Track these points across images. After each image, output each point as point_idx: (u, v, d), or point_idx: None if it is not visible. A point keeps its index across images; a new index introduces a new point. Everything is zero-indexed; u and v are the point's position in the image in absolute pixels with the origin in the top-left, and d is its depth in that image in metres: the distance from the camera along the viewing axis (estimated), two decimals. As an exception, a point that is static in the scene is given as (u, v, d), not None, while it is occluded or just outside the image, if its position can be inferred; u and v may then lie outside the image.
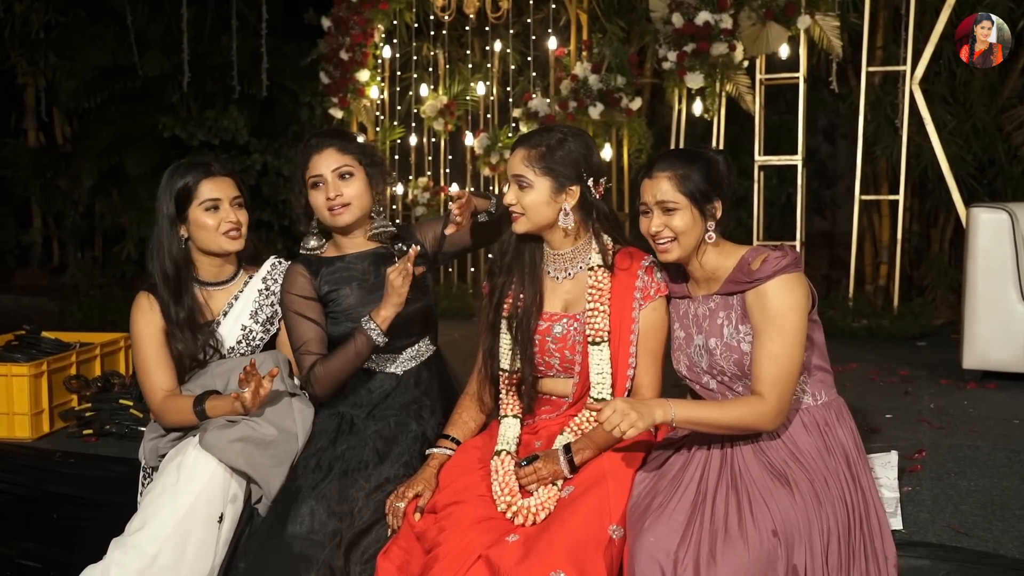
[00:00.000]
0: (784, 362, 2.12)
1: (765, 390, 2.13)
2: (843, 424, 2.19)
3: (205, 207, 2.64)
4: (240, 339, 2.73)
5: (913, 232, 7.68)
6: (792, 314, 2.11)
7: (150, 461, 2.63)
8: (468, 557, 2.13)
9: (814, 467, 2.10)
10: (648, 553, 2.01)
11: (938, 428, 3.31)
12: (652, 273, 2.42)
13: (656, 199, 2.21)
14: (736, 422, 2.14)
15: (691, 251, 2.23)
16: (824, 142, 8.93)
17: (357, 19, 6.70)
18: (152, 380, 2.61)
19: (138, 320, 2.64)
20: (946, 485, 2.65)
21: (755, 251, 2.20)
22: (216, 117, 7.94)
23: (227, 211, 2.65)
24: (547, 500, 2.23)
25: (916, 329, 5.65)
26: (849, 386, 4.09)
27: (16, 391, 3.27)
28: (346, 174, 2.64)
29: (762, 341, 2.14)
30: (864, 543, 2.08)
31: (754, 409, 2.13)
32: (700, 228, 2.21)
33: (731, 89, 6.06)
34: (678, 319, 2.35)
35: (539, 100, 6.45)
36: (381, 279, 2.65)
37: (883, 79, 6.59)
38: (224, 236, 2.65)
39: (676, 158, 2.25)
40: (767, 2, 5.81)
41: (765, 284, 2.12)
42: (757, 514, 2.02)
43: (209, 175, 2.65)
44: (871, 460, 2.67)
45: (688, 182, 2.19)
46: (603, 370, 2.39)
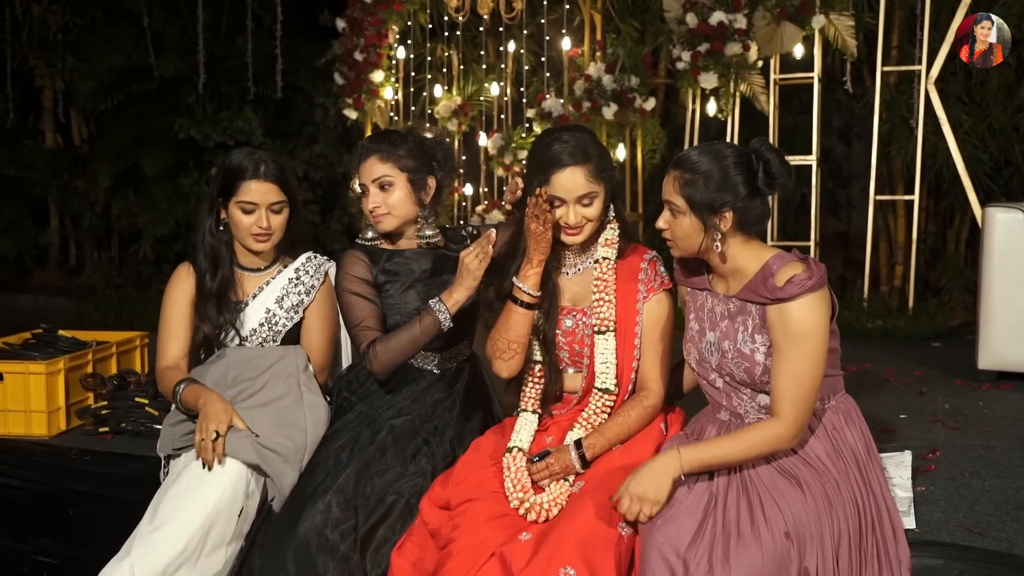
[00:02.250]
0: (805, 382, 2.07)
1: (784, 410, 2.08)
2: (852, 426, 2.17)
3: (242, 207, 2.71)
4: (263, 322, 2.78)
5: (929, 232, 7.65)
6: (816, 335, 2.05)
7: (163, 449, 2.66)
8: (482, 554, 2.14)
9: (824, 470, 2.09)
10: (659, 553, 2.01)
11: (953, 428, 3.30)
12: (656, 266, 2.43)
13: (663, 196, 2.19)
14: (755, 452, 2.09)
15: (693, 254, 2.19)
16: (839, 142, 8.89)
17: (371, 20, 6.72)
18: (165, 346, 2.75)
19: (172, 286, 2.79)
20: (960, 485, 2.64)
21: (780, 258, 2.11)
22: (231, 118, 7.98)
23: (261, 216, 2.71)
24: (559, 496, 2.24)
25: (931, 330, 5.63)
26: (863, 386, 4.08)
27: (33, 389, 3.29)
28: (385, 184, 2.66)
29: (783, 360, 2.08)
30: (877, 546, 2.07)
31: (772, 433, 2.08)
32: (700, 236, 2.14)
33: (745, 89, 6.06)
34: (694, 310, 2.31)
35: (553, 100, 6.45)
36: (439, 278, 2.68)
37: (898, 79, 6.56)
38: (252, 237, 2.73)
39: (695, 156, 2.14)
40: (781, 2, 5.80)
41: (789, 304, 2.07)
42: (769, 516, 2.01)
43: (256, 176, 2.71)
44: (884, 460, 2.66)
45: (691, 188, 2.11)
46: (608, 359, 2.40)
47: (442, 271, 2.71)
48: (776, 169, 2.09)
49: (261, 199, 2.70)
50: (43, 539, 3.11)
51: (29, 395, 3.29)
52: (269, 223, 2.72)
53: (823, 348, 2.07)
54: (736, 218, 2.11)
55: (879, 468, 2.16)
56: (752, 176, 2.10)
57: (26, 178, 9.62)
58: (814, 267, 2.08)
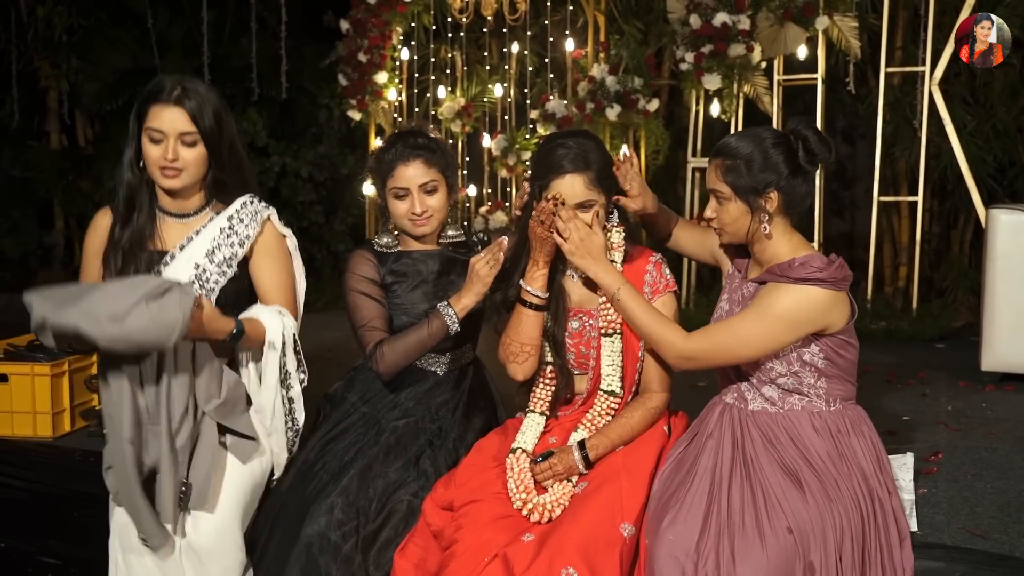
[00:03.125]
0: (735, 338, 2.12)
1: (699, 337, 2.18)
2: (860, 436, 2.17)
3: (150, 135, 2.40)
4: (192, 279, 2.46)
5: (933, 233, 7.64)
6: (778, 322, 2.08)
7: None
8: (485, 555, 2.14)
9: (824, 469, 2.10)
10: (668, 552, 2.03)
11: (955, 430, 3.30)
12: (661, 269, 2.44)
13: (708, 185, 2.22)
14: (652, 333, 2.22)
15: (741, 239, 2.21)
16: (843, 143, 8.88)
17: (375, 21, 6.73)
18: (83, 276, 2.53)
19: (89, 234, 2.55)
20: (962, 487, 2.65)
21: (813, 257, 2.13)
22: (236, 119, 7.99)
23: (168, 147, 2.37)
24: (562, 496, 2.25)
25: (935, 331, 5.63)
26: (867, 388, 4.06)
27: (38, 390, 3.31)
28: (431, 188, 2.64)
29: (740, 314, 2.15)
30: (881, 551, 2.07)
31: (674, 337, 2.19)
32: (748, 219, 2.16)
33: (749, 90, 6.06)
34: (728, 291, 2.34)
35: (556, 102, 6.46)
36: (446, 279, 2.68)
37: (902, 79, 6.56)
38: (159, 171, 2.41)
39: (734, 143, 2.17)
40: (785, 3, 5.80)
41: (783, 283, 2.10)
42: (772, 513, 2.03)
43: (166, 101, 2.38)
44: (887, 462, 2.68)
45: (734, 173, 2.14)
46: (614, 362, 2.41)
47: (449, 272, 2.72)
48: (815, 146, 2.14)
49: (169, 127, 2.37)
50: (48, 540, 3.13)
51: (34, 396, 3.31)
52: (176, 155, 2.38)
53: (773, 338, 2.10)
54: (782, 198, 2.15)
55: (890, 479, 2.16)
56: (793, 155, 2.14)
57: (31, 179, 9.66)
58: (835, 266, 2.09)
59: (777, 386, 2.18)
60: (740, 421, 2.20)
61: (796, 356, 2.14)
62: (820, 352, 2.14)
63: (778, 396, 2.18)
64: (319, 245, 8.60)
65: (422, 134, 2.70)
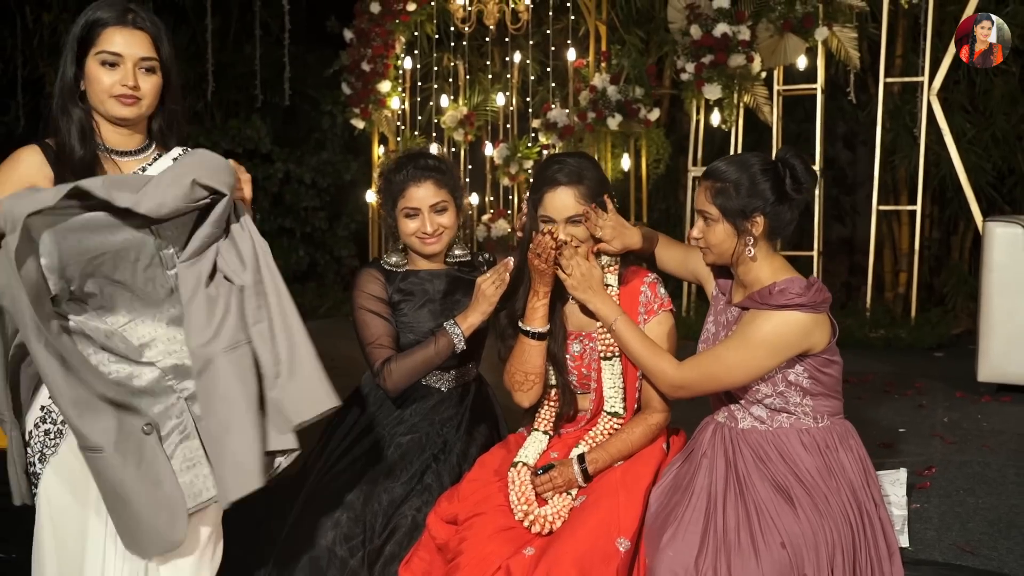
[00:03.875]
0: (722, 367, 2.20)
1: (688, 367, 2.25)
2: (847, 450, 2.22)
3: (103, 59, 2.14)
4: None
5: (933, 240, 7.68)
6: (760, 348, 2.15)
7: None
8: (488, 567, 2.19)
9: (813, 484, 2.15)
10: (668, 567, 2.08)
11: (951, 443, 3.34)
12: (655, 288, 2.49)
13: (697, 206, 2.28)
14: (648, 362, 2.30)
15: (726, 260, 2.27)
16: (844, 149, 8.92)
17: (378, 31, 6.79)
18: None
19: (7, 170, 2.16)
20: (954, 502, 2.69)
21: (793, 282, 2.18)
22: (239, 126, 8.05)
23: (128, 73, 2.15)
24: (562, 509, 2.30)
25: (933, 340, 5.67)
26: (864, 399, 4.12)
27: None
28: (442, 209, 2.70)
29: (724, 342, 2.22)
30: (871, 564, 2.12)
31: (666, 366, 2.27)
32: (733, 242, 2.23)
33: (749, 100, 6.11)
34: (713, 314, 2.41)
35: (558, 111, 6.51)
36: (452, 299, 2.73)
37: (903, 87, 6.60)
38: (114, 100, 2.16)
39: (724, 167, 2.24)
40: (784, 14, 5.85)
41: (765, 311, 2.16)
42: (765, 529, 2.08)
43: (122, 23, 2.16)
44: (881, 478, 2.72)
45: (723, 196, 2.20)
46: (615, 384, 2.46)
47: (455, 292, 2.77)
48: (802, 175, 2.20)
49: (128, 51, 2.15)
50: (57, 550, 3.16)
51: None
52: (137, 81, 2.16)
53: (758, 364, 2.17)
54: (767, 223, 2.21)
55: (876, 491, 2.21)
56: (780, 182, 2.20)
57: (36, 184, 9.69)
58: (814, 290, 2.15)
59: (765, 406, 2.23)
60: (732, 440, 2.25)
61: (781, 377, 2.20)
62: (804, 372, 2.20)
63: (766, 415, 2.23)
64: (322, 250, 8.66)
65: (432, 156, 2.76)
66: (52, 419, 2.06)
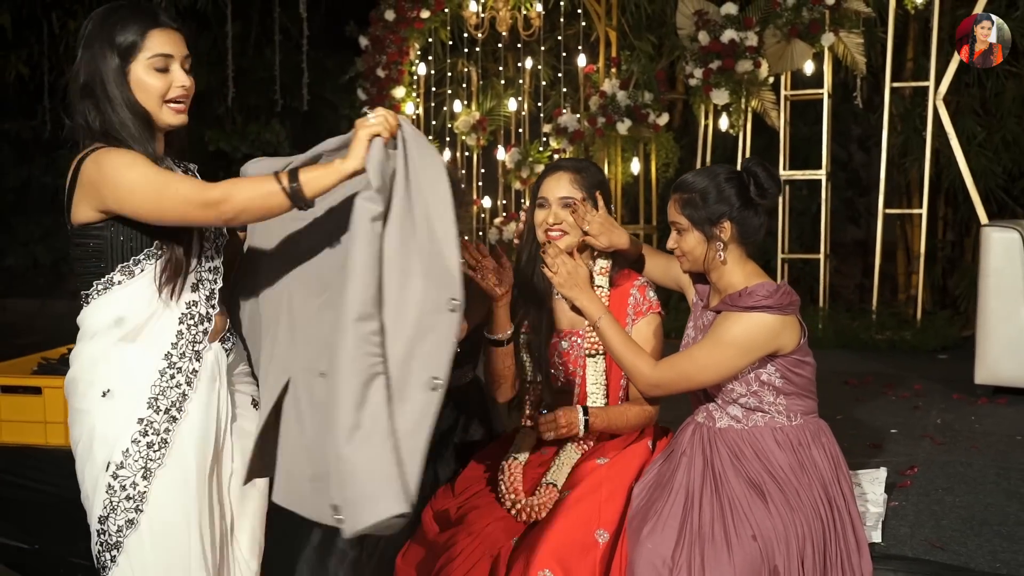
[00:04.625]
0: (695, 367, 2.31)
1: (664, 367, 2.36)
2: (819, 447, 2.32)
3: (153, 64, 2.03)
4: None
5: (947, 242, 7.72)
6: (731, 348, 2.26)
7: None
8: (479, 557, 2.31)
9: (786, 480, 2.26)
10: (647, 560, 2.20)
11: (940, 444, 3.42)
12: (645, 291, 2.61)
13: (669, 218, 2.41)
14: (626, 362, 2.40)
15: (700, 266, 2.39)
16: (859, 151, 8.96)
17: (393, 38, 6.92)
18: (180, 192, 1.93)
19: (123, 162, 1.94)
20: (932, 501, 2.78)
21: (762, 286, 2.29)
22: (259, 130, 8.20)
23: (179, 74, 2.06)
24: (548, 500, 2.41)
25: (938, 342, 5.72)
26: (861, 400, 4.20)
27: (69, 401, 3.50)
28: None
29: (698, 343, 2.34)
30: (841, 556, 2.23)
31: (643, 366, 2.38)
32: (704, 248, 2.35)
33: (756, 105, 6.19)
34: (693, 319, 2.52)
35: (569, 116, 6.62)
36: None
37: (913, 91, 6.65)
38: (168, 106, 2.06)
39: (690, 179, 2.38)
40: (791, 20, 5.93)
41: (735, 313, 2.27)
42: (738, 523, 2.19)
43: (159, 25, 2.04)
44: (860, 476, 2.82)
45: (690, 207, 2.33)
46: (598, 380, 2.58)
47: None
48: (765, 181, 2.32)
49: (176, 51, 2.05)
50: (79, 542, 3.30)
51: (65, 408, 3.50)
52: (188, 80, 2.07)
53: (729, 363, 2.28)
54: (735, 228, 2.34)
55: (847, 486, 2.32)
56: (744, 189, 2.33)
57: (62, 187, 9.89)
58: (781, 294, 2.26)
59: (740, 405, 2.34)
60: (709, 439, 2.36)
61: (754, 377, 2.31)
62: (776, 372, 2.30)
63: (742, 414, 2.34)
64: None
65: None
66: (154, 429, 2.04)
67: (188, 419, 2.07)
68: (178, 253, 2.04)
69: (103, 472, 2.04)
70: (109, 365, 2.04)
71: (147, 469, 2.03)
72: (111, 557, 2.05)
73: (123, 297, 2.03)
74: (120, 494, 2.03)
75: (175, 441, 2.05)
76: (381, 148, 1.91)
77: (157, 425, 2.04)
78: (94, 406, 2.06)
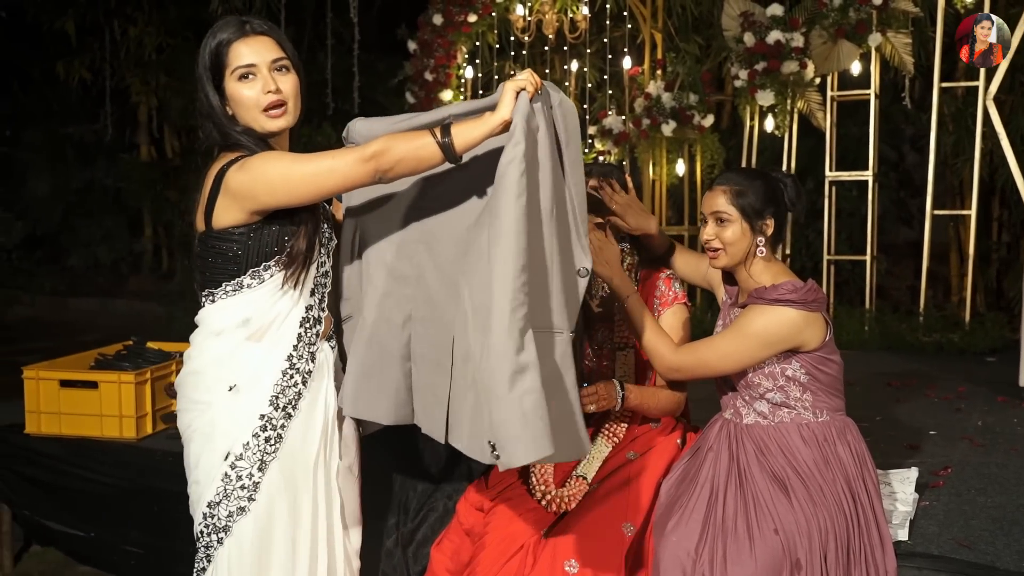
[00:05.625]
0: (716, 355, 2.36)
1: (685, 351, 2.40)
2: (844, 442, 2.35)
3: (239, 75, 2.12)
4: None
5: (1002, 243, 7.61)
6: (753, 339, 2.31)
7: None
8: (511, 546, 2.38)
9: (809, 475, 2.29)
10: (671, 553, 2.25)
11: (979, 446, 3.40)
12: (670, 283, 2.66)
13: (711, 210, 2.44)
14: (649, 343, 2.43)
15: (739, 261, 2.43)
16: (911, 151, 8.86)
17: (441, 42, 7.02)
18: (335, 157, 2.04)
19: (269, 157, 2.08)
20: (963, 501, 2.78)
21: (790, 282, 2.34)
22: (311, 134, 8.36)
23: (266, 78, 2.11)
24: (578, 491, 2.47)
25: (987, 344, 5.65)
26: (902, 401, 4.19)
27: (124, 396, 3.64)
28: None
29: (722, 333, 2.39)
30: (865, 552, 2.26)
31: (665, 349, 2.41)
32: (749, 241, 2.40)
33: (802, 106, 6.17)
34: (722, 318, 2.57)
35: (613, 118, 6.66)
36: None
37: (965, 91, 6.57)
38: (264, 114, 2.12)
39: (738, 174, 2.44)
40: (838, 20, 5.90)
41: (761, 305, 2.32)
42: (761, 517, 2.23)
43: (242, 36, 2.12)
44: (890, 475, 2.84)
45: (742, 197, 2.38)
46: (627, 372, 2.64)
47: None
48: (794, 195, 2.44)
49: (259, 58, 2.12)
50: (132, 531, 3.46)
51: (120, 401, 3.64)
52: (277, 84, 2.12)
53: (750, 353, 2.33)
54: (775, 226, 2.41)
55: (872, 483, 2.34)
56: (782, 195, 2.44)
57: (122, 189, 10.20)
58: (807, 290, 2.30)
59: (767, 401, 2.38)
60: (736, 435, 2.41)
61: (780, 371, 2.34)
62: (802, 368, 2.34)
63: (768, 410, 2.38)
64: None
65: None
66: (272, 425, 2.18)
67: (300, 415, 2.22)
68: (301, 247, 2.16)
69: (221, 461, 2.16)
70: (236, 362, 2.18)
71: (263, 462, 2.17)
72: (218, 539, 2.18)
73: (252, 300, 2.17)
74: (236, 483, 2.16)
75: (288, 436, 2.20)
76: (527, 103, 1.97)
77: (275, 421, 2.18)
78: (219, 399, 2.18)
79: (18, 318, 9.78)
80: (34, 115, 10.82)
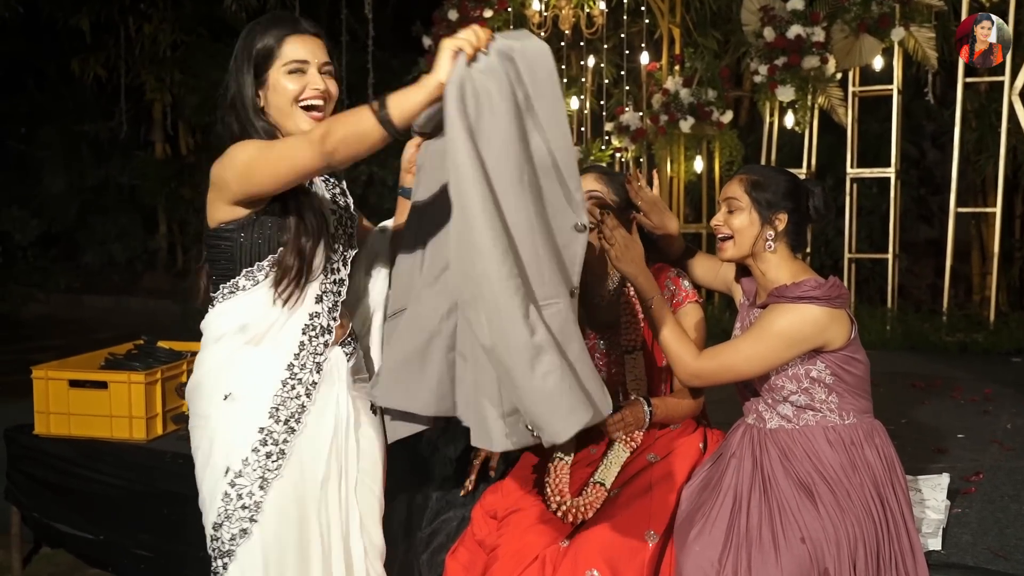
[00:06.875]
0: (739, 358, 2.26)
1: (707, 356, 2.30)
2: (872, 446, 2.27)
3: (288, 69, 2.08)
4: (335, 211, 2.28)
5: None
6: (777, 339, 2.22)
7: None
8: (525, 558, 2.31)
9: (836, 480, 2.21)
10: (694, 563, 2.17)
11: (1009, 449, 3.31)
12: (680, 282, 2.58)
13: (725, 196, 2.38)
14: (670, 349, 2.32)
15: (746, 253, 2.35)
16: (932, 148, 8.74)
17: (456, 38, 6.95)
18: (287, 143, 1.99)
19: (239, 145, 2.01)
20: (996, 508, 2.69)
21: (812, 279, 2.26)
22: (324, 132, 8.33)
23: (315, 77, 2.10)
24: (595, 499, 2.40)
25: (1012, 344, 5.55)
26: (928, 403, 4.09)
27: (133, 397, 3.59)
28: None
29: (743, 335, 2.30)
30: (895, 561, 2.17)
31: (687, 355, 2.30)
32: (757, 231, 2.32)
33: (823, 102, 6.07)
34: (740, 320, 2.49)
35: (631, 114, 6.57)
36: None
37: (989, 86, 6.46)
38: (304, 113, 2.10)
39: (762, 167, 2.40)
40: (860, 14, 5.80)
41: (783, 304, 2.23)
42: (786, 525, 2.15)
43: (298, 31, 2.10)
44: (921, 482, 2.75)
45: (758, 188, 2.32)
46: (638, 376, 2.56)
47: None
48: (820, 204, 2.37)
49: (312, 57, 2.09)
50: (142, 534, 3.40)
51: (130, 402, 3.59)
52: (326, 84, 2.11)
53: (775, 354, 2.24)
54: (789, 225, 2.32)
55: (901, 488, 2.26)
56: (807, 200, 2.36)
57: (137, 186, 10.19)
58: (829, 286, 2.21)
59: (791, 404, 2.29)
60: (759, 440, 2.32)
61: (804, 373, 2.26)
62: (827, 368, 2.25)
63: (793, 413, 2.29)
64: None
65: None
66: (273, 439, 2.08)
67: (306, 431, 2.12)
68: (297, 263, 2.07)
69: (222, 478, 2.07)
70: (233, 368, 2.10)
71: (264, 479, 2.06)
72: (223, 564, 2.09)
73: (248, 304, 2.09)
74: (236, 503, 2.06)
75: (292, 453, 2.09)
76: (464, 67, 1.83)
77: (276, 436, 2.08)
78: (215, 410, 2.09)
79: (33, 315, 9.78)
80: (49, 113, 10.81)
